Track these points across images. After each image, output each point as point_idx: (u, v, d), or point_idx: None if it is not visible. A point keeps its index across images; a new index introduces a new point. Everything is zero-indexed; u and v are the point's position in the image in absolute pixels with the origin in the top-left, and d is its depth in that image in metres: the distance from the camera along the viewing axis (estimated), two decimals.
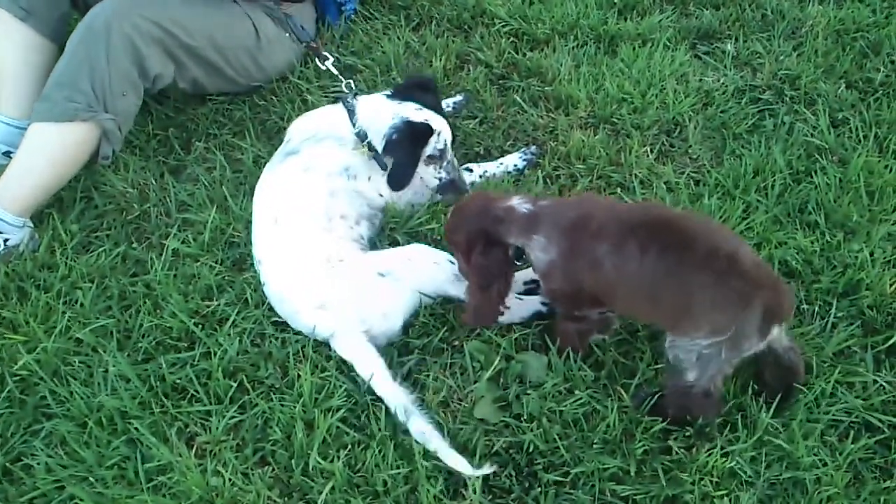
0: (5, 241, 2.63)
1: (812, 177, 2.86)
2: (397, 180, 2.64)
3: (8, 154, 2.91)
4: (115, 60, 2.73)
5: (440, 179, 2.72)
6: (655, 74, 3.27)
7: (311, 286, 2.41)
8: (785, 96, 3.22)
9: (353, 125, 2.67)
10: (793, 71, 3.30)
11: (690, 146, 3.03)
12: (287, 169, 2.62)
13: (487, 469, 2.07)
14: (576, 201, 2.32)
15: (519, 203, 2.19)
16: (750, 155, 2.95)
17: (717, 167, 2.94)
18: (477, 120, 3.13)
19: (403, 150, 2.62)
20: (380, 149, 2.64)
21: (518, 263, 2.33)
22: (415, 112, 2.65)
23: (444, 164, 2.69)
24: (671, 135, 3.10)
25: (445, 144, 2.67)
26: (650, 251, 2.00)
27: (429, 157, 2.67)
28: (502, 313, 2.33)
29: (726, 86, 3.27)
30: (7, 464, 2.18)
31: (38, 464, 2.16)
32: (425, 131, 2.64)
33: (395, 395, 2.22)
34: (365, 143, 2.65)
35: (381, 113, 2.66)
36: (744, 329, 1.97)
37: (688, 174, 2.91)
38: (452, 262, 2.40)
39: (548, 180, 2.88)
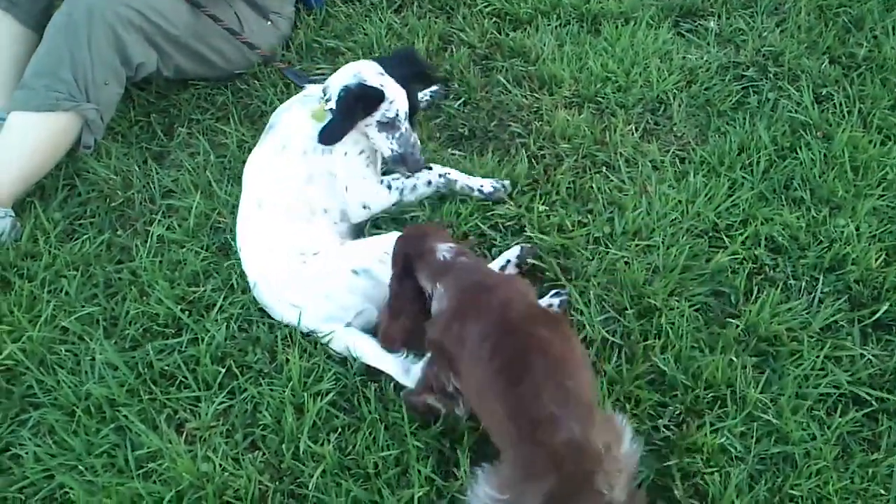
0: None
1: (797, 153, 2.86)
2: (328, 134, 2.52)
3: None
4: (96, 49, 2.70)
5: (392, 151, 2.64)
6: (639, 52, 3.25)
7: (283, 281, 2.39)
8: (769, 73, 3.21)
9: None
10: (776, 47, 3.29)
11: (675, 124, 3.03)
12: (266, 146, 2.60)
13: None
14: (487, 275, 2.13)
15: (443, 249, 2.11)
16: (735, 132, 2.95)
17: (701, 145, 2.94)
18: (461, 101, 3.11)
19: (347, 108, 2.52)
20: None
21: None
22: (375, 76, 2.57)
23: (398, 135, 2.60)
24: (656, 113, 3.10)
25: (397, 114, 2.57)
26: (493, 362, 1.84)
27: (379, 123, 2.57)
28: (411, 342, 2.21)
29: (710, 63, 3.26)
30: None
31: (27, 453, 2.14)
32: (375, 95, 2.54)
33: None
34: (324, 99, 2.58)
35: (344, 72, 2.61)
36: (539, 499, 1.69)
37: (673, 152, 2.91)
38: None
39: (533, 160, 2.86)
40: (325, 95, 2.57)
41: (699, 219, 2.65)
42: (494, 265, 2.50)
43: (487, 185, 2.68)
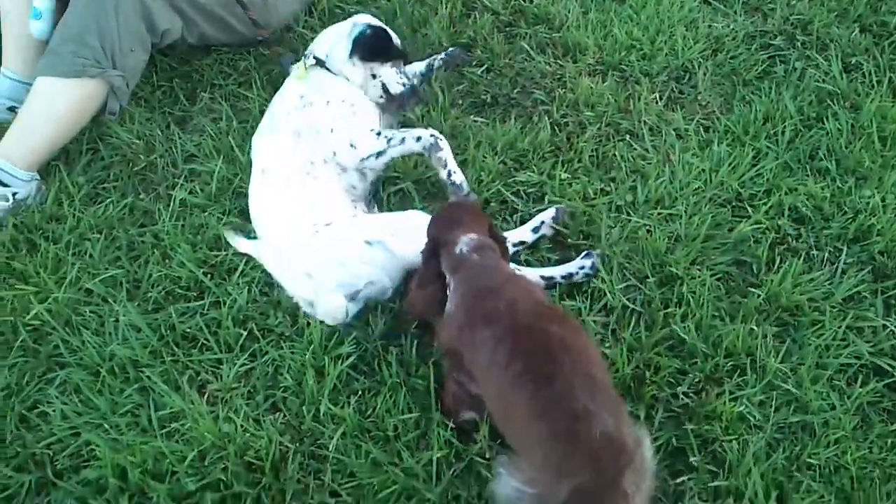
0: (14, 194, 2.63)
1: (823, 123, 2.83)
2: (368, 46, 2.72)
3: (13, 109, 2.90)
4: (123, 16, 2.71)
5: (403, 86, 2.71)
6: (664, 20, 3.22)
7: (296, 254, 2.39)
8: (796, 41, 3.17)
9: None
10: (805, 15, 3.25)
11: (700, 93, 3.00)
12: (262, 128, 2.70)
13: None
14: (494, 276, 2.06)
15: (463, 242, 2.08)
16: (760, 101, 2.92)
17: (726, 114, 2.91)
18: (484, 68, 3.09)
19: (377, 38, 2.75)
20: (347, 52, 2.72)
21: None
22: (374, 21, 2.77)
23: (402, 70, 2.72)
24: (680, 81, 3.07)
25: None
26: (513, 366, 1.81)
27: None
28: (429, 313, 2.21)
29: (736, 31, 3.22)
30: (24, 411, 2.21)
31: (54, 411, 2.18)
32: (388, 31, 2.76)
33: None
34: (305, 59, 2.71)
35: (334, 28, 2.77)
36: (547, 499, 1.70)
37: (697, 121, 2.88)
38: None
39: (555, 128, 2.85)
40: (307, 58, 2.69)
41: (722, 188, 2.63)
42: (528, 227, 2.50)
43: (460, 177, 2.61)
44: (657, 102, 2.96)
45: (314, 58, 2.71)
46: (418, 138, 2.57)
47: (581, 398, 1.71)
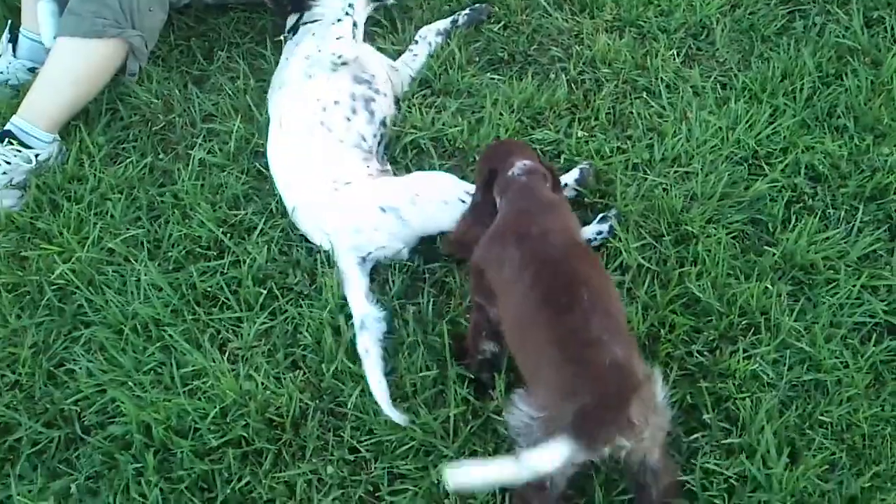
0: (36, 155, 2.66)
1: (842, 79, 2.81)
2: None
3: (33, 70, 2.92)
4: None
5: None
6: None
7: (315, 209, 2.43)
8: None
9: None
10: None
11: (717, 49, 2.98)
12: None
13: (405, 420, 2.08)
14: (536, 199, 2.10)
15: (517, 166, 2.14)
16: (778, 58, 2.89)
17: (744, 71, 2.89)
18: (501, 24, 3.08)
19: None
20: None
21: None
22: None
23: None
24: (698, 38, 3.04)
25: None
26: (536, 290, 1.87)
27: None
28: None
29: None
30: (51, 368, 2.26)
31: (80, 368, 2.23)
32: None
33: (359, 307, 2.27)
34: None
35: None
36: (554, 420, 1.70)
37: (714, 78, 2.87)
38: (463, 202, 2.36)
39: (572, 85, 2.85)
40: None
41: (739, 146, 2.63)
42: None
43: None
44: (674, 59, 2.94)
45: None
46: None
47: (595, 330, 1.77)
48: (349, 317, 2.26)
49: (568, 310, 1.81)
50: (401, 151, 2.69)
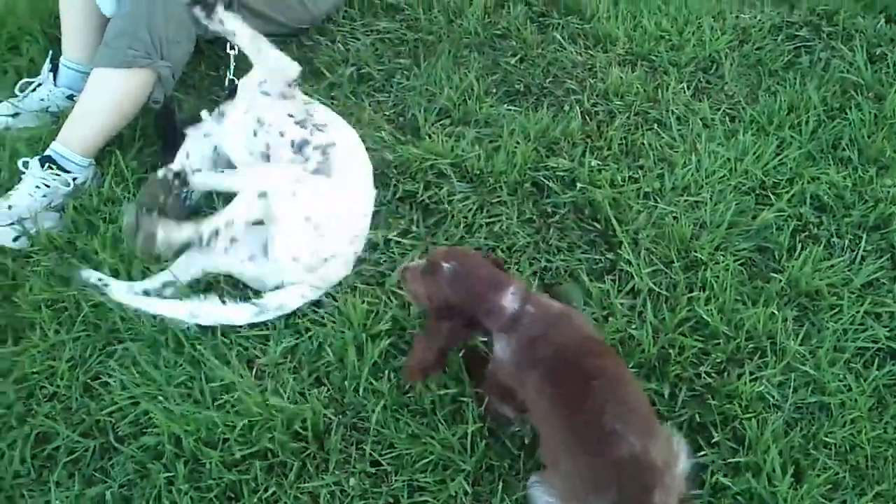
0: (73, 179, 2.76)
1: (846, 113, 2.91)
2: None
3: (71, 97, 3.04)
4: (171, 9, 2.82)
5: None
6: (692, 11, 3.31)
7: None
8: (822, 32, 3.25)
9: None
10: (831, 6, 3.32)
11: (726, 83, 3.08)
12: None
13: None
14: (548, 320, 2.01)
15: (510, 300, 1.99)
16: (785, 92, 3.00)
17: (752, 104, 3.00)
18: (517, 57, 3.19)
19: None
20: None
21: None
22: None
23: None
24: (707, 72, 3.15)
25: None
26: (555, 394, 1.91)
27: None
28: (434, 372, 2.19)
29: (763, 22, 3.30)
30: (87, 381, 2.33)
31: (115, 382, 2.30)
32: None
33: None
34: None
35: None
36: None
37: (723, 111, 2.97)
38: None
39: (586, 116, 2.95)
40: None
41: (747, 176, 2.73)
42: None
43: None
44: (685, 92, 3.05)
45: None
46: None
47: (610, 420, 1.80)
48: (373, 336, 2.34)
49: (582, 404, 1.85)
50: (420, 173, 2.78)
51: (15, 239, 2.63)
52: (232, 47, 2.85)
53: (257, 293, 2.46)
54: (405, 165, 2.80)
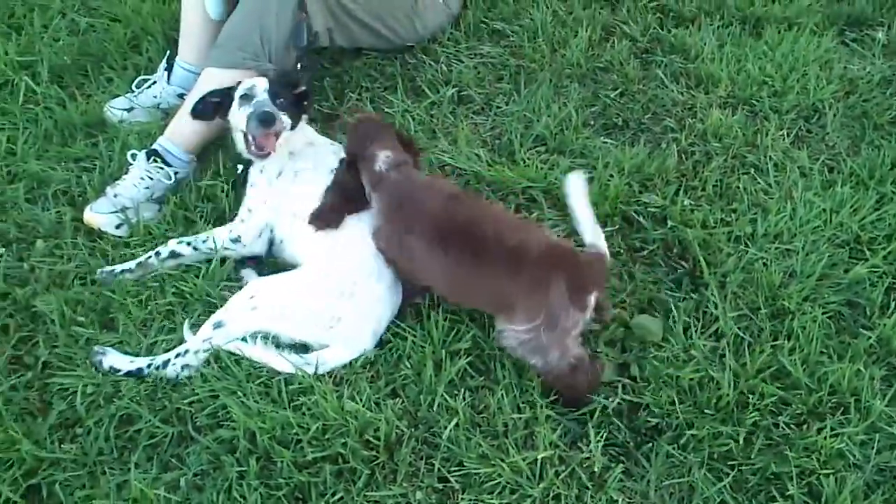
0: (175, 173, 2.87)
1: None
2: None
3: (181, 96, 3.17)
4: (282, 16, 2.92)
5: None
6: (799, 59, 3.27)
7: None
8: None
9: None
10: None
11: (828, 133, 3.04)
12: None
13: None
14: (411, 187, 2.42)
15: (381, 159, 2.42)
16: (889, 146, 2.94)
17: (853, 156, 2.95)
18: (618, 91, 3.21)
19: None
20: None
21: None
22: None
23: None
24: (809, 120, 3.11)
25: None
26: (450, 254, 2.25)
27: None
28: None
29: (872, 75, 3.25)
30: None
31: (197, 374, 2.38)
32: None
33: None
34: None
35: None
36: (554, 309, 2.13)
37: (822, 161, 2.93)
38: None
39: (682, 155, 2.95)
40: None
41: (842, 229, 2.68)
42: None
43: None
44: (784, 139, 3.02)
45: None
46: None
47: (511, 236, 2.19)
48: (451, 354, 2.37)
49: (483, 241, 2.20)
50: (512, 196, 2.81)
51: (118, 226, 2.74)
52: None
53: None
54: (497, 185, 2.84)
